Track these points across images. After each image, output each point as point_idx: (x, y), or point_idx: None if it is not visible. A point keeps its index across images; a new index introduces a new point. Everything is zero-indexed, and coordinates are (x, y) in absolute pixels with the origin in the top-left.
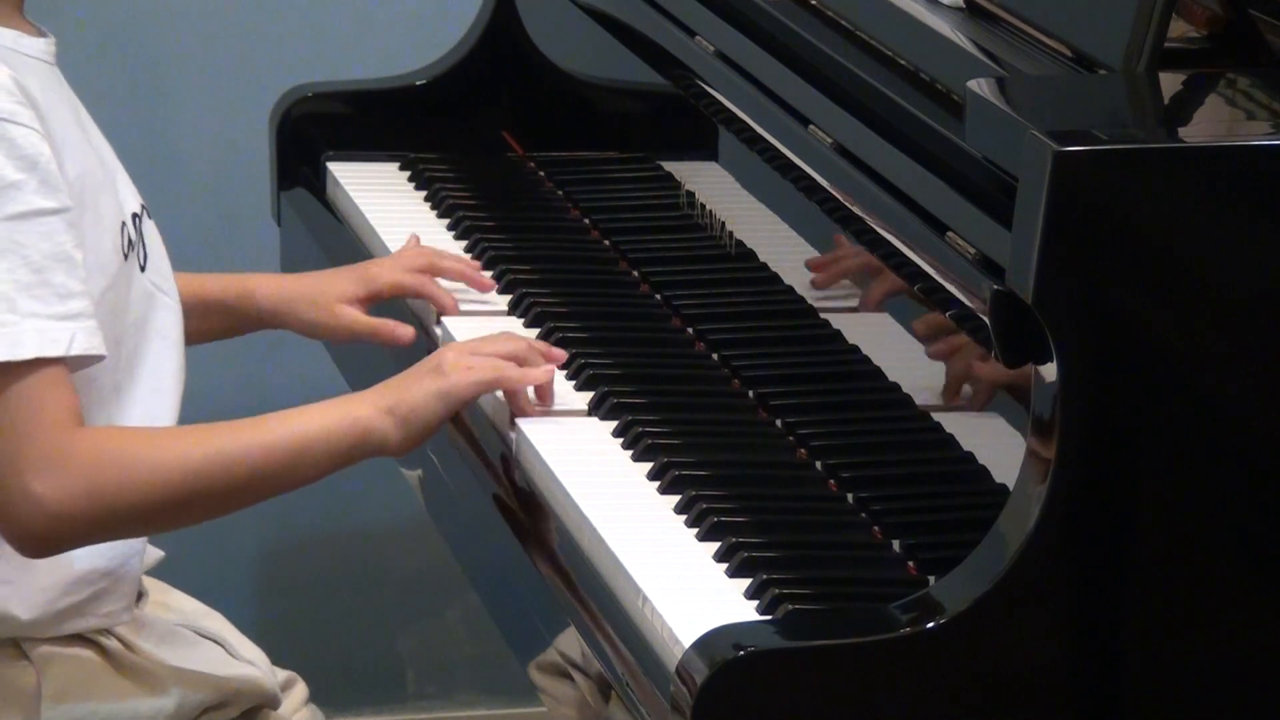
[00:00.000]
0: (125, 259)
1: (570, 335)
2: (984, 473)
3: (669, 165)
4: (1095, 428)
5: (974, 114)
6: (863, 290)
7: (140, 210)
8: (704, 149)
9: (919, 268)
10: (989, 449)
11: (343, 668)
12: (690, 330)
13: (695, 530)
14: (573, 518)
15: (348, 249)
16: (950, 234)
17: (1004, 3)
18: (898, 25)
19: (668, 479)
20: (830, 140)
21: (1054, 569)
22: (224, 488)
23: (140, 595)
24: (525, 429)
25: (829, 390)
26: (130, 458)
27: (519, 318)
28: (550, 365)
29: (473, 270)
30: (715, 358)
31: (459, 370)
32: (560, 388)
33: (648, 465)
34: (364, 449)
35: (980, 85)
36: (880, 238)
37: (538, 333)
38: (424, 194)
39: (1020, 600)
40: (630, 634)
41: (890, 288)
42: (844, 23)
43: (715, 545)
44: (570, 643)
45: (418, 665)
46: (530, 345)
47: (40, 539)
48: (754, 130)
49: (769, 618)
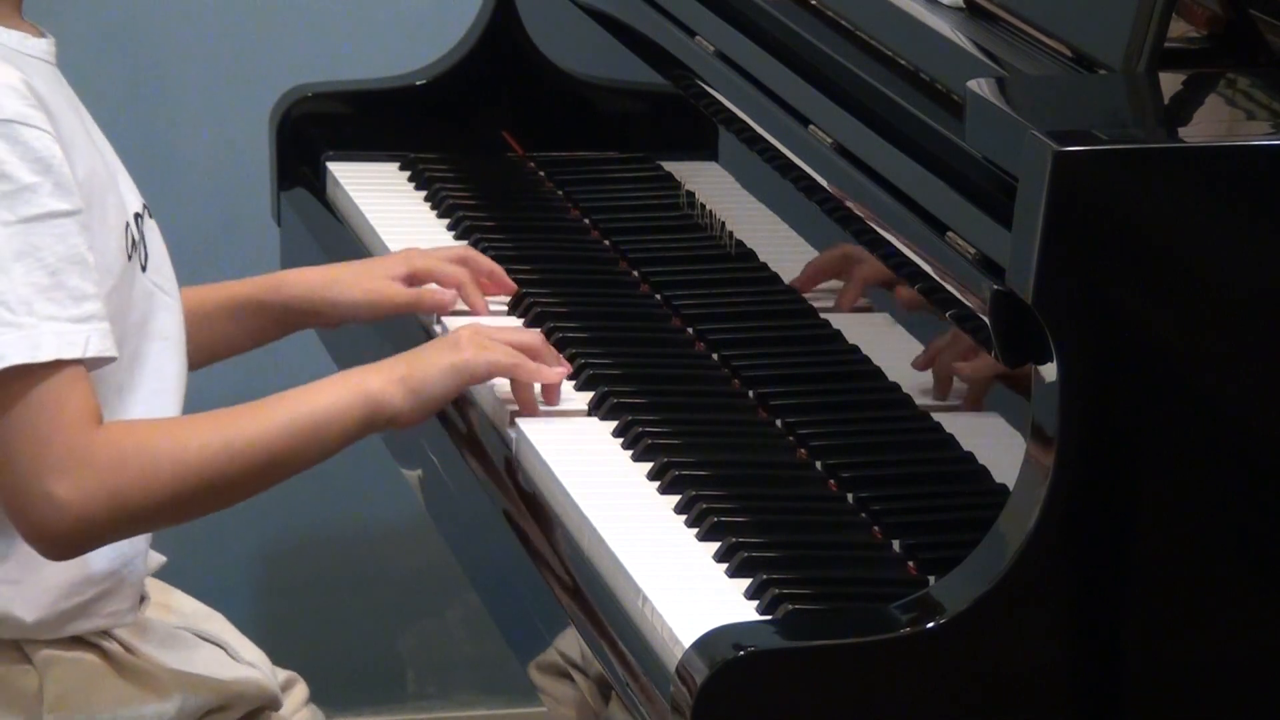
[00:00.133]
0: (129, 259)
1: (570, 335)
2: (984, 473)
3: (669, 165)
4: (1095, 428)
5: (974, 114)
6: (862, 289)
7: (142, 210)
8: (704, 149)
9: (919, 268)
10: (989, 449)
11: (343, 668)
12: (690, 330)
13: (695, 530)
14: (573, 518)
15: (348, 249)
16: (950, 234)
17: (1004, 3)
18: (898, 25)
19: (668, 479)
20: (830, 140)
21: (1054, 569)
22: (243, 474)
23: (142, 598)
24: (525, 429)
25: (829, 390)
26: (151, 453)
27: (519, 318)
28: (563, 368)
29: (502, 272)
30: (715, 358)
31: (475, 347)
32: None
33: (648, 465)
34: (376, 421)
35: (980, 85)
36: (880, 238)
37: (539, 333)
38: (424, 194)
39: (1020, 600)
40: (630, 634)
41: (890, 287)
42: (844, 23)
43: (715, 545)
44: (570, 643)
45: (418, 665)
46: (545, 341)
47: (64, 542)
48: (754, 130)
49: (769, 618)
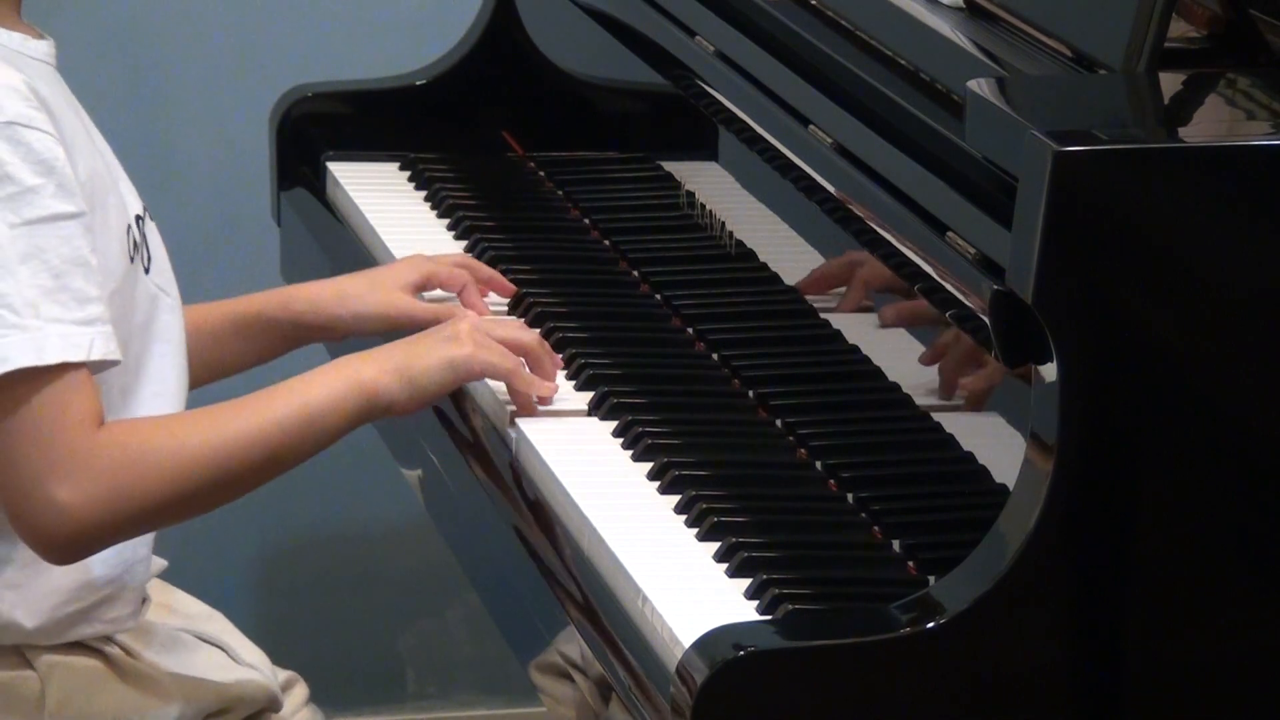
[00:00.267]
0: (131, 262)
1: (570, 335)
2: (984, 473)
3: (669, 165)
4: (1095, 428)
5: (974, 114)
6: (863, 290)
7: (143, 212)
8: (704, 149)
9: (919, 268)
10: (989, 449)
11: (343, 668)
12: (690, 330)
13: (695, 530)
14: (573, 518)
15: (348, 249)
16: (950, 234)
17: (1004, 3)
18: (898, 25)
19: (668, 479)
20: (830, 140)
21: (1054, 569)
22: (243, 469)
23: (143, 600)
24: (525, 429)
25: (829, 390)
26: (153, 453)
27: (519, 318)
28: (554, 385)
29: (501, 276)
30: (715, 358)
31: (474, 344)
32: (560, 388)
33: (648, 465)
34: (372, 411)
35: (980, 85)
36: (880, 238)
37: (538, 334)
38: (424, 194)
39: (1020, 600)
40: (630, 634)
41: (890, 288)
42: (844, 23)
43: (715, 545)
44: (570, 643)
45: (418, 665)
46: (542, 343)
47: (67, 545)
48: (754, 130)
49: (769, 618)
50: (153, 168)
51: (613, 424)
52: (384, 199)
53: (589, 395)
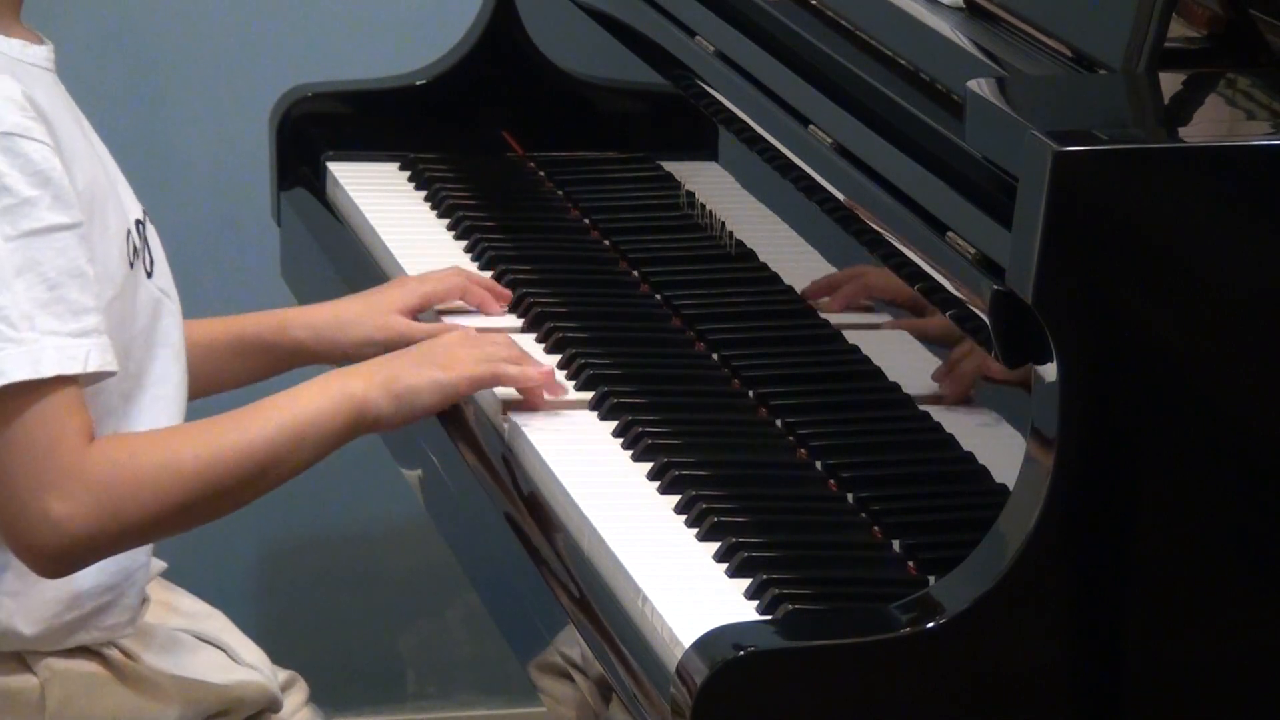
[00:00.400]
0: (131, 267)
1: (570, 335)
2: (984, 473)
3: (669, 165)
4: (1095, 428)
5: (974, 114)
6: (863, 291)
7: (142, 216)
8: (704, 149)
9: (919, 268)
10: (989, 449)
11: (343, 668)
12: (690, 330)
13: (695, 530)
14: (573, 518)
15: (348, 249)
16: (950, 234)
17: (1004, 3)
18: (898, 25)
19: (668, 479)
20: (830, 140)
21: (1054, 569)
22: (234, 484)
23: (143, 600)
24: (525, 429)
25: (829, 390)
26: (144, 469)
27: (519, 318)
28: (547, 366)
29: (494, 283)
30: (715, 358)
31: (461, 365)
32: (560, 388)
33: (648, 465)
34: (360, 425)
35: (980, 85)
36: (880, 238)
37: (537, 334)
38: (424, 194)
39: (1020, 600)
40: (630, 634)
41: (890, 288)
42: (844, 23)
43: (715, 545)
44: (570, 643)
45: (418, 665)
46: (525, 357)
47: (60, 559)
48: (754, 130)
49: (769, 618)
50: (152, 168)
51: (613, 424)
52: (384, 199)
53: (589, 395)
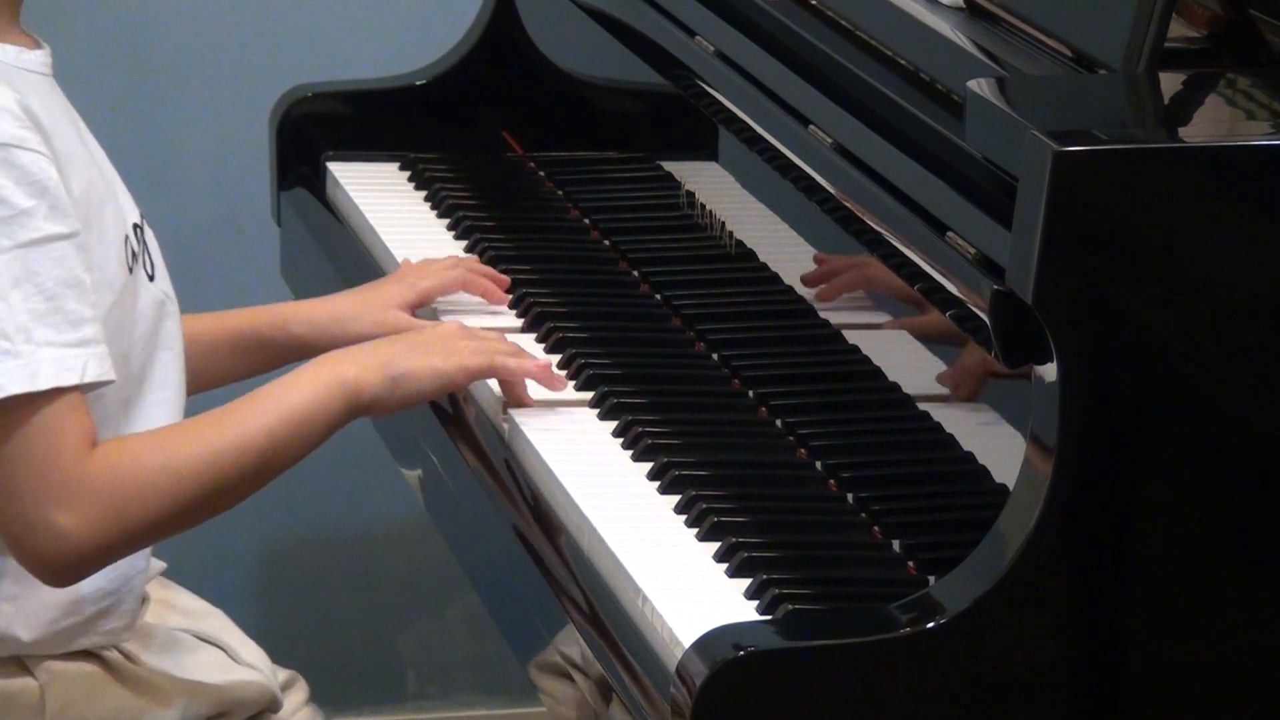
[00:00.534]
0: (130, 272)
1: (570, 335)
2: (984, 473)
3: (669, 165)
4: (1095, 428)
5: (974, 114)
6: (863, 290)
7: (140, 220)
8: (704, 149)
9: (919, 268)
10: (989, 449)
11: (343, 668)
12: (690, 330)
13: (695, 530)
14: (573, 518)
15: (348, 249)
16: (950, 234)
17: (1004, 3)
18: (898, 25)
19: (668, 479)
20: (830, 140)
21: (1054, 569)
22: (236, 478)
23: (143, 599)
24: (525, 429)
25: (829, 390)
26: (146, 471)
27: (519, 317)
28: (545, 360)
29: (494, 272)
30: (715, 358)
31: (459, 355)
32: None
33: (648, 465)
34: (356, 409)
35: (980, 85)
36: (880, 238)
37: (537, 334)
38: (424, 194)
39: (1020, 600)
40: (630, 634)
41: (890, 288)
42: (844, 23)
43: (715, 545)
44: (570, 643)
45: (418, 665)
46: (522, 352)
47: (68, 569)
48: (754, 130)
49: (769, 618)
50: (152, 168)
51: (613, 424)
52: (384, 199)
53: (589, 395)
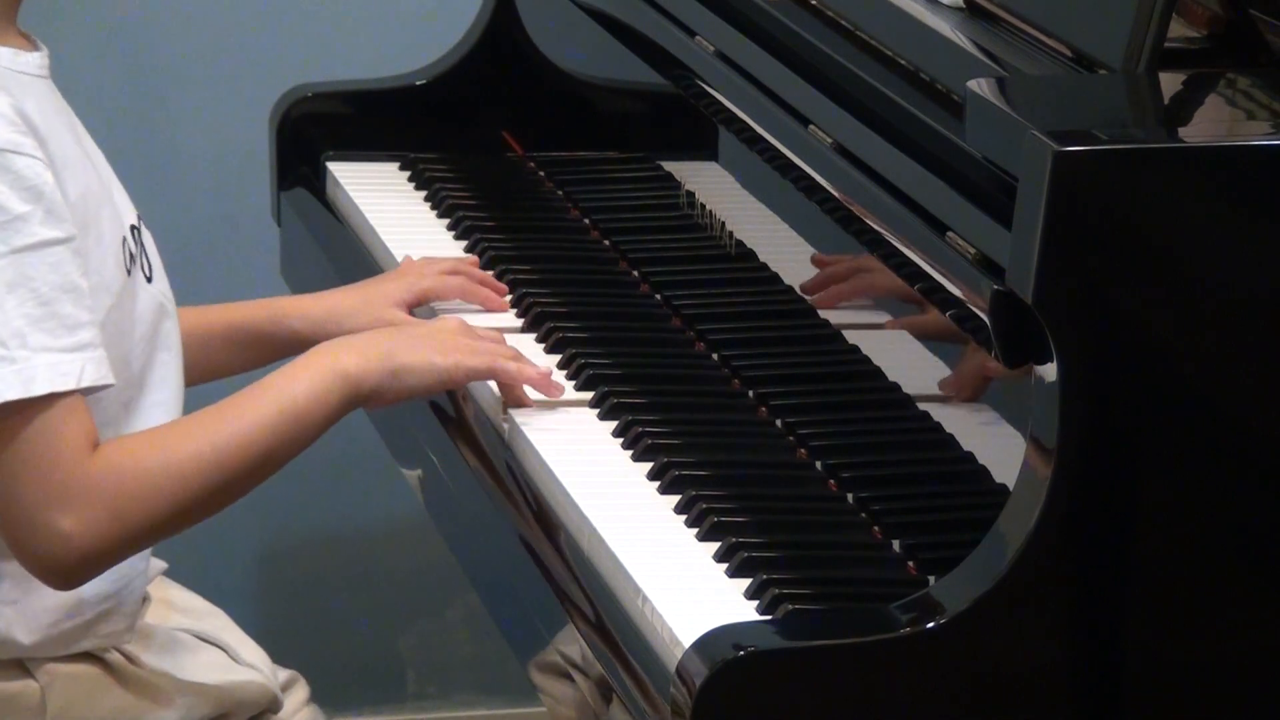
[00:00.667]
0: (128, 274)
1: (570, 335)
2: (984, 473)
3: (669, 165)
4: (1095, 428)
5: (974, 114)
6: (863, 291)
7: (137, 221)
8: (704, 149)
9: (919, 268)
10: (989, 449)
11: (343, 668)
12: (690, 330)
13: (695, 530)
14: (572, 518)
15: (348, 249)
16: (950, 234)
17: (1004, 3)
18: (898, 25)
19: (668, 479)
20: (830, 140)
21: (1054, 569)
22: (238, 474)
23: (143, 600)
24: (525, 429)
25: (829, 390)
26: (147, 472)
27: (519, 317)
28: (545, 368)
29: (494, 280)
30: (715, 358)
31: (459, 353)
32: (559, 388)
33: (648, 465)
34: (355, 400)
35: (980, 85)
36: (880, 238)
37: (537, 334)
38: (424, 194)
39: (1020, 600)
40: (630, 634)
41: (890, 288)
42: (844, 23)
43: (715, 545)
44: (570, 643)
45: (418, 665)
46: (521, 356)
47: (72, 573)
48: (754, 130)
49: (769, 618)
50: (152, 168)
51: (613, 424)
52: (384, 199)
53: (589, 395)
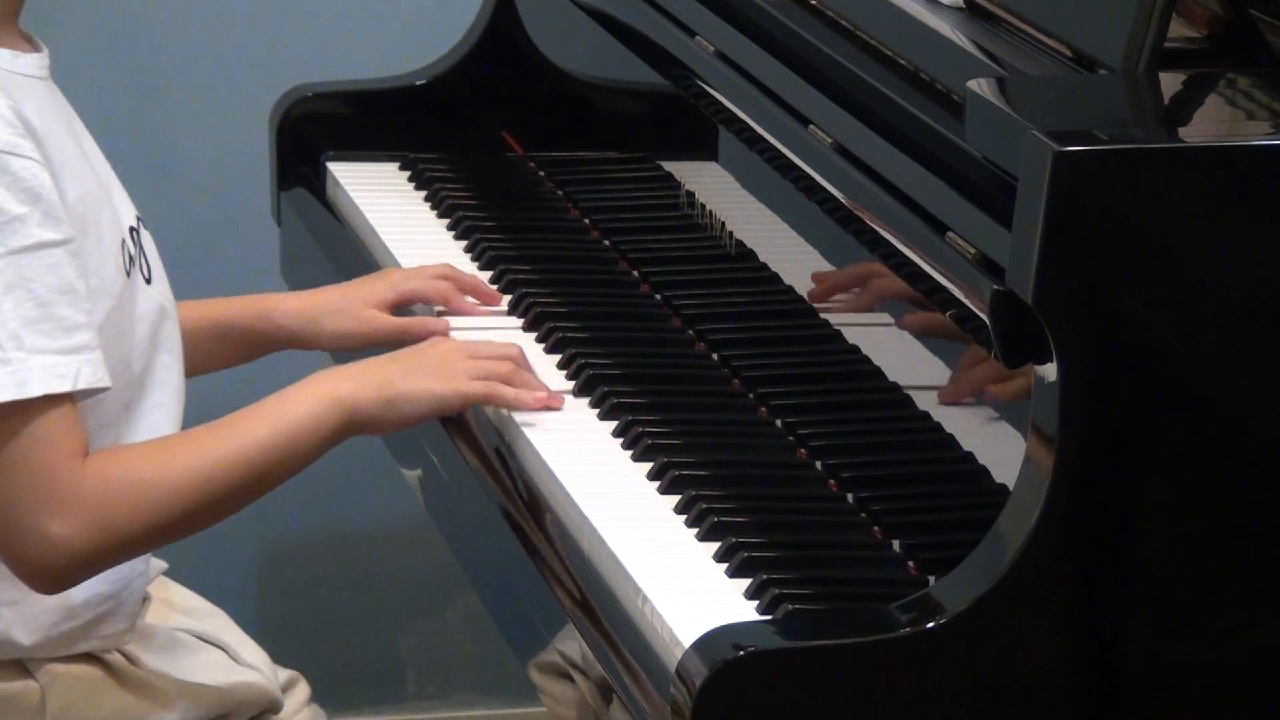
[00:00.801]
0: (128, 276)
1: (570, 335)
2: (984, 473)
3: (669, 165)
4: (1095, 428)
5: (974, 114)
6: (863, 291)
7: (136, 223)
8: (704, 149)
9: (919, 268)
10: (989, 449)
11: (343, 668)
12: (690, 330)
13: (695, 530)
14: (573, 518)
15: (348, 249)
16: (950, 234)
17: (1004, 3)
18: (898, 25)
19: (668, 479)
20: (830, 140)
21: (1054, 569)
22: (228, 492)
23: (143, 600)
24: (525, 429)
25: (829, 390)
26: (138, 482)
27: (519, 318)
28: (544, 393)
29: (485, 284)
30: (715, 358)
31: (457, 380)
32: (560, 388)
33: (648, 465)
34: (350, 428)
35: (980, 85)
36: (880, 238)
37: (537, 334)
38: (424, 194)
39: (1020, 600)
40: (630, 634)
41: (890, 288)
42: (844, 23)
43: (715, 545)
44: (570, 643)
45: (418, 665)
46: (520, 357)
47: (58, 577)
48: (754, 130)
49: (769, 618)
50: (152, 168)
51: (613, 424)
52: (384, 199)
53: (589, 395)
